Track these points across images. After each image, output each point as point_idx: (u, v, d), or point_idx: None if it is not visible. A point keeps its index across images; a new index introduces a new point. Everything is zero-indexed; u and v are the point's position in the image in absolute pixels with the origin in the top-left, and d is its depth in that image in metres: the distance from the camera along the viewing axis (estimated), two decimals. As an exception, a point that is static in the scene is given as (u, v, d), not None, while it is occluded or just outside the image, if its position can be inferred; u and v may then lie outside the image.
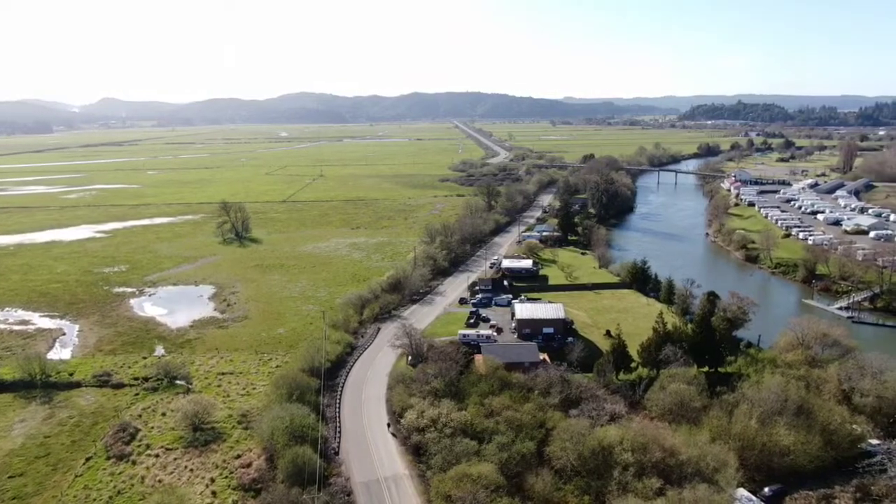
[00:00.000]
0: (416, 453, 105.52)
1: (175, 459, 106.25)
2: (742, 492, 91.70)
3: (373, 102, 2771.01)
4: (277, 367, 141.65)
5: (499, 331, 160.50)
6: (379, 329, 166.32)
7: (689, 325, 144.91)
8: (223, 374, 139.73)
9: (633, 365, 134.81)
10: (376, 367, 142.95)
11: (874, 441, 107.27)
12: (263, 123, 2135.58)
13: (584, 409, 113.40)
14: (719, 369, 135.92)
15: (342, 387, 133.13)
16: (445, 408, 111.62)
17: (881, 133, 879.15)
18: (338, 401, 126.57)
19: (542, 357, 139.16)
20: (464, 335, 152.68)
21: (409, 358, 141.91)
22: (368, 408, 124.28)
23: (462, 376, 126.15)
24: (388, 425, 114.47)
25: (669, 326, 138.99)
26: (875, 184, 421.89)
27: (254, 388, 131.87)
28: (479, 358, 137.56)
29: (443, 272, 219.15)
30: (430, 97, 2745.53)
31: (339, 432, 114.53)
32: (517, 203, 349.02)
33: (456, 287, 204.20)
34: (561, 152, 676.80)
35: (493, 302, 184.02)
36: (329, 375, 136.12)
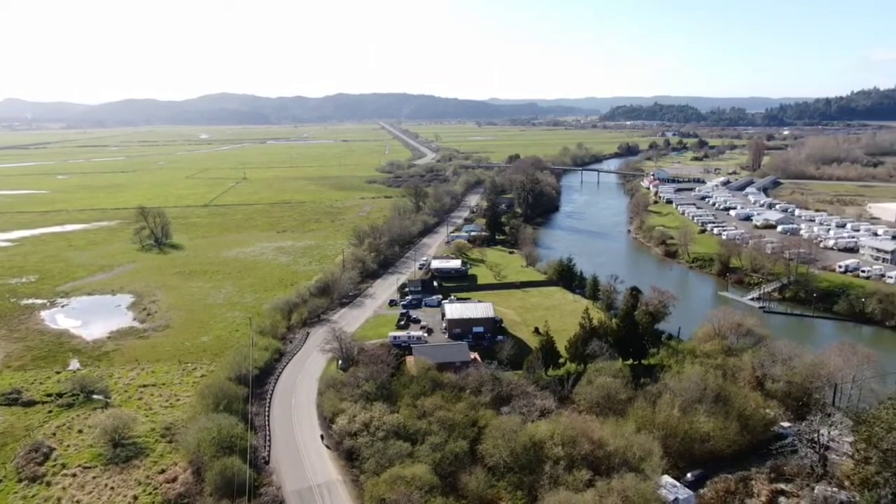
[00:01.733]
0: (349, 458, 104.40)
1: (94, 478, 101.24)
2: (666, 479, 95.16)
3: (297, 103, 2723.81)
4: (202, 376, 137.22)
5: (429, 331, 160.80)
6: (308, 334, 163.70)
7: (614, 320, 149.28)
8: (144, 386, 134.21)
9: (561, 361, 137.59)
10: (306, 372, 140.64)
11: (785, 424, 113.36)
12: (182, 125, 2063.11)
13: (515, 405, 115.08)
14: (643, 361, 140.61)
15: (271, 394, 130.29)
16: (377, 411, 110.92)
17: (785, 133, 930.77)
18: (267, 409, 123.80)
19: (472, 356, 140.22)
20: (394, 337, 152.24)
21: (340, 362, 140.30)
22: (299, 414, 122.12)
23: (394, 378, 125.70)
24: (322, 437, 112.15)
25: (595, 322, 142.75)
26: (781, 181, 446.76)
27: (178, 400, 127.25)
28: (410, 359, 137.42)
29: (372, 274, 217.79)
30: (355, 98, 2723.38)
31: (269, 441, 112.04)
32: (445, 204, 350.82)
33: (385, 289, 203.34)
34: (487, 153, 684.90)
35: (423, 303, 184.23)
36: (257, 383, 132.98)
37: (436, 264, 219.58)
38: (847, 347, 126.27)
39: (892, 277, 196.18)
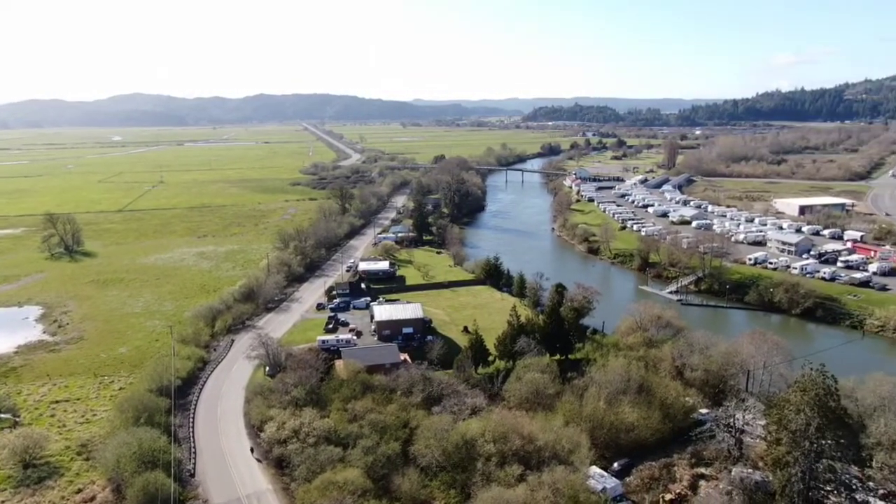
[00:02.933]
0: (279, 466, 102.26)
1: (3, 502, 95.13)
2: (594, 469, 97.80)
3: (216, 104, 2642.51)
4: (121, 389, 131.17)
5: (358, 334, 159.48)
6: (233, 341, 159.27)
7: (541, 317, 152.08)
8: (57, 402, 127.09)
9: (490, 358, 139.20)
10: (232, 380, 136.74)
11: (704, 410, 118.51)
12: (93, 126, 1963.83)
13: (447, 405, 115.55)
14: (569, 356, 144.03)
15: (195, 404, 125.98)
16: (307, 416, 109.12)
17: (698, 132, 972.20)
18: (191, 420, 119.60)
19: (402, 357, 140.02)
20: (323, 341, 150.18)
21: (267, 368, 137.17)
22: (226, 424, 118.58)
23: (323, 383, 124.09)
24: (252, 450, 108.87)
25: (523, 319, 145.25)
26: (695, 178, 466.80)
27: (94, 415, 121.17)
28: (339, 363, 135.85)
29: (298, 278, 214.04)
30: (277, 99, 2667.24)
31: (195, 453, 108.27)
32: (371, 205, 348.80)
33: (313, 292, 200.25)
34: (413, 153, 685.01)
35: (352, 305, 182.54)
36: (180, 394, 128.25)
37: (363, 266, 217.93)
38: (758, 335, 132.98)
39: (796, 268, 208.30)
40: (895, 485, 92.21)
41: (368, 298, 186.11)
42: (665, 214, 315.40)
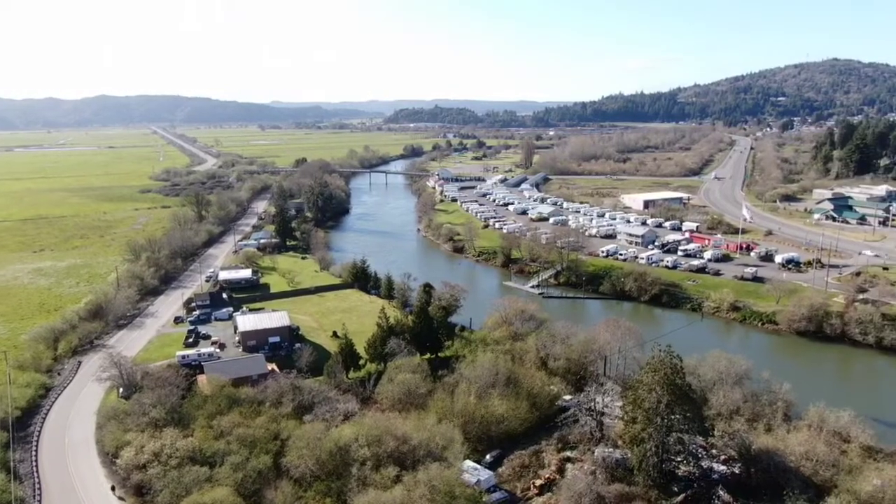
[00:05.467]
0: (140, 493, 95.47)
1: None
2: (468, 463, 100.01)
3: (49, 106, 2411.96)
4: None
5: (222, 346, 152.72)
6: (80, 363, 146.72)
7: (410, 317, 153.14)
8: None
9: (361, 362, 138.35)
10: (80, 406, 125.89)
11: (567, 397, 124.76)
12: None
13: (318, 412, 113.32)
14: (439, 354, 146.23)
15: (38, 435, 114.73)
16: (169, 437, 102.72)
17: (551, 133, 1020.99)
18: (34, 453, 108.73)
19: (270, 367, 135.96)
20: (183, 356, 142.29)
21: (121, 390, 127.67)
22: (75, 454, 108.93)
23: (185, 401, 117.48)
24: (113, 488, 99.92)
25: (392, 320, 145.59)
26: (550, 177, 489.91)
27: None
28: (202, 378, 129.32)
29: (153, 291, 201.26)
30: (121, 101, 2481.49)
31: (40, 490, 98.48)
32: (230, 211, 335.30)
33: (169, 306, 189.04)
34: (272, 157, 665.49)
35: (213, 317, 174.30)
36: (20, 425, 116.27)
37: (224, 275, 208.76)
38: (612, 323, 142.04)
39: (643, 258, 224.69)
40: (734, 450, 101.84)
41: (231, 309, 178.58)
42: (525, 212, 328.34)
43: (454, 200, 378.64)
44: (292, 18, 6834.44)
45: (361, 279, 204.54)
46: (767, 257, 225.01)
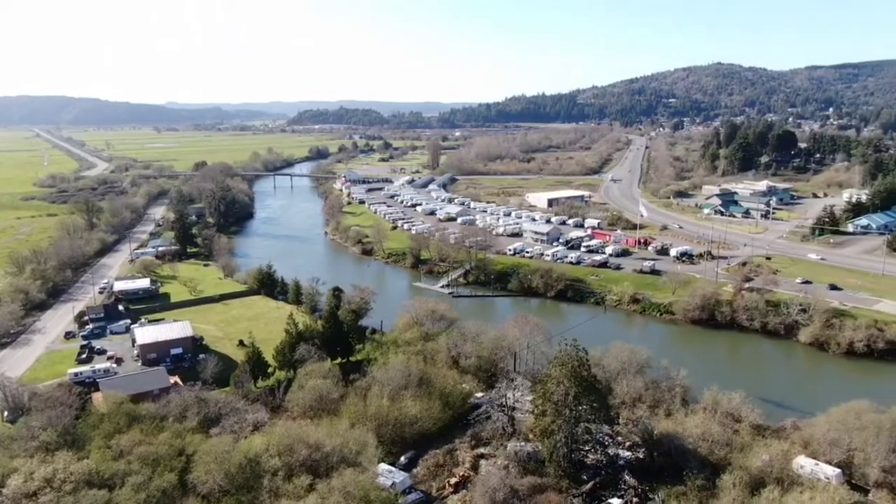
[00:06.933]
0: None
1: None
2: (383, 466, 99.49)
3: None
4: None
5: (119, 361, 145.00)
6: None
7: (320, 322, 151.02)
8: None
9: (270, 370, 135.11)
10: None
11: (479, 394, 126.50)
12: None
13: (226, 424, 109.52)
14: (351, 358, 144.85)
15: None
16: (62, 461, 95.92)
17: (457, 134, 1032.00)
18: None
19: (173, 380, 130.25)
20: (76, 374, 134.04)
21: (6, 413, 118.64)
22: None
23: (79, 421, 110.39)
24: None
25: (301, 326, 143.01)
26: (457, 177, 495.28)
27: None
28: (97, 396, 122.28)
29: (40, 305, 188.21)
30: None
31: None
32: (125, 218, 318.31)
33: (59, 320, 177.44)
34: (170, 161, 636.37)
35: (109, 330, 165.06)
36: None
37: (120, 286, 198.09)
38: (521, 319, 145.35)
39: (548, 255, 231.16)
40: (637, 436, 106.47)
41: (128, 321, 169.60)
42: (433, 212, 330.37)
43: (362, 202, 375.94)
44: (187, 12, 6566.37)
45: (268, 285, 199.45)
46: (663, 251, 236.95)
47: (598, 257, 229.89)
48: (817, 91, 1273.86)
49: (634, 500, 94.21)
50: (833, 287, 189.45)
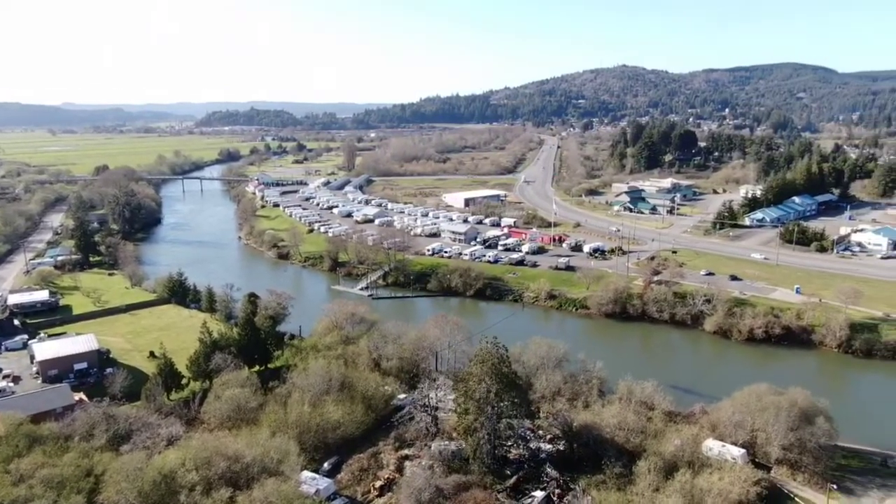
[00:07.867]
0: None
1: None
2: (306, 474, 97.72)
3: None
4: None
5: (16, 380, 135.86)
6: None
7: (235, 329, 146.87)
8: None
9: (184, 381, 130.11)
10: None
11: (402, 395, 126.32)
12: None
13: (137, 440, 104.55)
14: (269, 365, 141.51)
15: None
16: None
17: (373, 135, 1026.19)
18: None
19: (77, 397, 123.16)
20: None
21: None
22: None
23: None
24: None
25: (216, 334, 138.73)
26: (374, 178, 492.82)
27: None
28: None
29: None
30: None
31: None
32: (19, 227, 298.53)
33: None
34: (68, 165, 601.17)
35: (3, 347, 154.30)
36: None
37: (15, 299, 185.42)
38: (441, 319, 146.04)
39: (466, 255, 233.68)
40: (558, 429, 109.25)
41: (25, 336, 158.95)
42: (350, 214, 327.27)
43: (276, 205, 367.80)
44: (83, 4, 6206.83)
45: (179, 293, 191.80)
46: (577, 247, 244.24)
47: (514, 255, 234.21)
48: (714, 93, 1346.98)
49: (557, 491, 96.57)
50: (734, 277, 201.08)
